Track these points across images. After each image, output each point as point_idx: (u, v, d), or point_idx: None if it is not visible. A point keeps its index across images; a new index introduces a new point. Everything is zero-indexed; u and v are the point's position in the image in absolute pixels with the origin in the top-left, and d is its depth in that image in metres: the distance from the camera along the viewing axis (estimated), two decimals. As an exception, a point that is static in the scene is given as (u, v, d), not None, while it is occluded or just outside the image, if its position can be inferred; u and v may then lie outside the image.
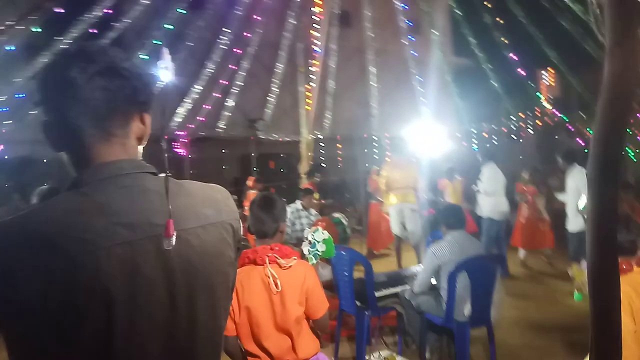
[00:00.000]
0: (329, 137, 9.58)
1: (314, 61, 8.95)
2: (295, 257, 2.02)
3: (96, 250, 0.82)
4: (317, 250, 2.31)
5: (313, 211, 6.23)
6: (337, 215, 5.92)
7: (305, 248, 2.36)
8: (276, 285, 1.93)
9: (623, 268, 2.08)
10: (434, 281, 3.70)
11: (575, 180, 5.33)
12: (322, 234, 2.36)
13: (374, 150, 10.84)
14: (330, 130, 9.37)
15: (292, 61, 8.78)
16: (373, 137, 10.23)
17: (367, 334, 3.98)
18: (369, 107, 9.69)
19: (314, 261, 2.31)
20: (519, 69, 9.87)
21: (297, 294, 1.97)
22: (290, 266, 1.98)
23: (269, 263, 1.98)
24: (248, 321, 1.98)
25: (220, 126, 8.65)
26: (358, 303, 3.91)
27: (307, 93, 8.89)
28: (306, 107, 8.89)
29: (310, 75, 8.90)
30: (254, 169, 9.11)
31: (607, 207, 1.10)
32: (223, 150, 8.78)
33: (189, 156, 8.58)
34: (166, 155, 7.32)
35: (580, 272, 2.53)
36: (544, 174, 7.47)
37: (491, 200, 6.24)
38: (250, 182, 7.81)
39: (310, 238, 2.35)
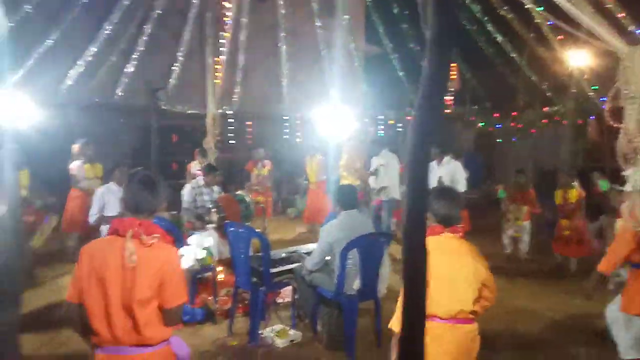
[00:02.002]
0: (238, 113, 9.36)
1: (224, 33, 8.65)
2: (158, 236, 1.93)
3: None
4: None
5: (216, 188, 6.10)
6: (240, 192, 5.84)
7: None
8: (131, 259, 1.84)
9: (433, 229, 2.34)
10: (327, 258, 3.83)
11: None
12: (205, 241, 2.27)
13: (285, 130, 10.84)
14: (239, 106, 9.14)
15: (201, 30, 8.38)
16: (284, 116, 10.21)
17: (262, 309, 4.04)
18: (280, 86, 9.61)
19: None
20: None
21: (149, 275, 1.88)
22: (150, 244, 1.89)
23: (132, 237, 1.89)
24: (96, 291, 1.87)
25: (118, 93, 8.04)
26: (254, 279, 3.93)
27: (216, 65, 8.59)
28: (215, 80, 8.59)
29: (220, 48, 8.61)
30: (157, 141, 8.63)
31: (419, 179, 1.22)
32: (122, 120, 8.17)
33: (82, 124, 7.90)
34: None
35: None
36: None
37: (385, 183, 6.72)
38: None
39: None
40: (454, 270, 2.27)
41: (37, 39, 6.56)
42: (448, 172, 6.53)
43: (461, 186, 6.42)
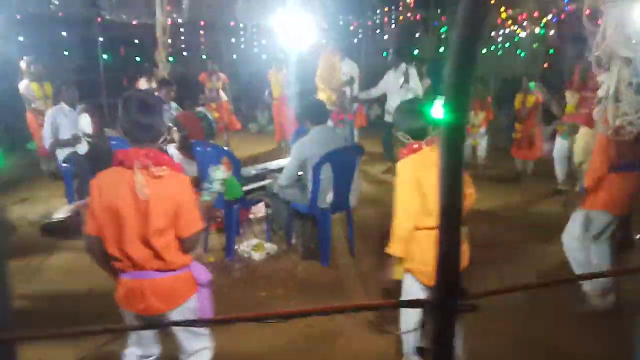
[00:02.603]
0: (189, 22, 8.69)
1: None
2: (166, 167, 1.85)
3: None
4: (213, 188, 2.13)
5: (173, 104, 5.84)
6: (201, 109, 5.61)
7: (204, 183, 2.17)
8: (142, 192, 1.79)
9: (414, 148, 2.31)
10: (299, 173, 3.83)
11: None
12: (221, 173, 2.15)
13: (241, 39, 10.24)
14: (190, 14, 8.46)
15: None
16: (240, 24, 9.59)
17: (236, 225, 4.09)
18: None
19: (206, 198, 2.13)
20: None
21: (163, 206, 1.84)
22: (160, 175, 1.82)
23: (140, 169, 1.81)
24: (111, 223, 1.85)
25: (54, 2, 7.23)
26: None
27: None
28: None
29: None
30: (104, 56, 8.01)
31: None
32: (63, 34, 7.40)
33: (19, 39, 7.15)
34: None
35: None
36: None
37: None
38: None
39: (210, 175, 2.14)
40: None
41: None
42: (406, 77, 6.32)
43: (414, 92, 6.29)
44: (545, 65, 8.90)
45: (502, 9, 9.16)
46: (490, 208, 5.02)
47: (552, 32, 8.72)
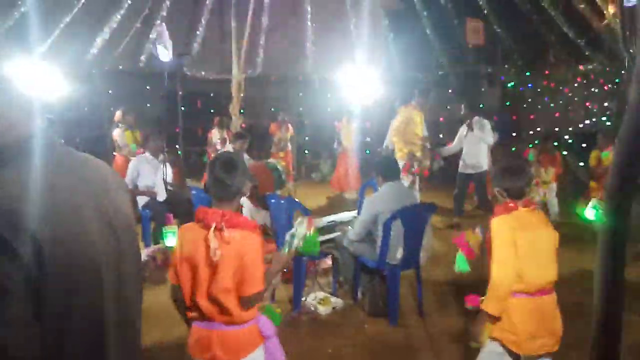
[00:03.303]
0: (261, 77, 9.21)
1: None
2: (239, 230, 1.93)
3: None
4: (294, 243, 2.20)
5: (246, 155, 6.11)
6: (272, 161, 5.84)
7: (288, 235, 2.26)
8: (215, 254, 1.87)
9: (510, 207, 2.28)
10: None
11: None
12: (303, 229, 2.22)
13: (308, 93, 10.66)
14: (263, 70, 8.98)
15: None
16: (307, 79, 10.03)
17: (303, 277, 4.11)
18: (303, 47, 9.37)
19: (285, 250, 2.21)
20: (451, 17, 10.01)
21: (232, 267, 1.91)
22: (230, 240, 1.90)
23: (215, 230, 1.91)
24: (188, 275, 1.96)
25: (142, 60, 7.96)
26: (295, 249, 3.98)
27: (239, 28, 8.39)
28: (240, 41, 8.41)
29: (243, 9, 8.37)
30: (183, 108, 8.58)
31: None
32: (147, 88, 8.12)
33: (109, 92, 7.91)
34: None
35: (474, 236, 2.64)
36: None
37: None
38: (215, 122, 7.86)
39: (293, 229, 2.23)
40: (542, 244, 2.24)
41: (61, 10, 6.46)
42: (479, 128, 6.24)
43: (488, 139, 6.21)
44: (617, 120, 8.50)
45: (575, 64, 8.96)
46: (569, 272, 4.71)
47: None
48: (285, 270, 4.51)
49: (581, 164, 7.07)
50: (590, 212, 3.92)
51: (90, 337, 0.95)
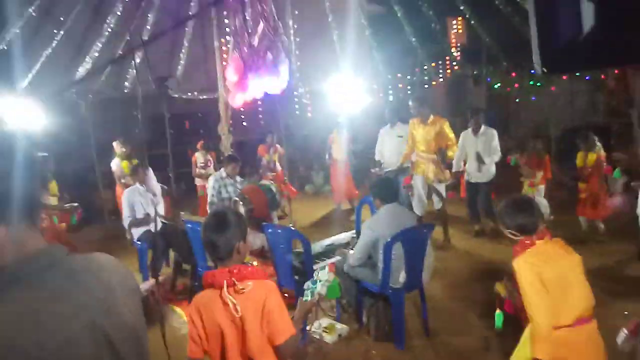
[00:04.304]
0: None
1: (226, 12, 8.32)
2: (250, 282, 1.89)
3: None
4: (316, 288, 2.18)
5: (239, 178, 6.05)
6: (265, 182, 5.80)
7: (307, 283, 2.23)
8: (236, 310, 1.83)
9: (527, 244, 2.26)
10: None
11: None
12: (326, 275, 2.21)
13: (295, 105, 10.62)
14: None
15: (202, 12, 8.07)
16: (294, 92, 9.99)
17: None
18: (289, 61, 9.34)
19: (309, 297, 2.18)
20: (433, 18, 10.03)
21: (257, 319, 1.86)
22: (244, 292, 1.86)
23: (227, 287, 1.87)
24: (216, 344, 1.90)
25: (126, 85, 7.87)
26: (296, 277, 3.93)
27: (223, 47, 8.32)
28: (223, 62, 8.34)
29: (226, 28, 8.30)
30: (171, 131, 8.52)
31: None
32: (134, 113, 8.04)
33: (94, 121, 7.80)
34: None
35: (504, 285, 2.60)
36: None
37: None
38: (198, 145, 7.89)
39: (315, 275, 2.21)
40: (569, 273, 2.20)
41: (42, 41, 6.37)
42: (485, 142, 6.13)
43: (497, 157, 6.10)
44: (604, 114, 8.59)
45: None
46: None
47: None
48: (286, 295, 4.52)
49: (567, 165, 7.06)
50: None
51: None
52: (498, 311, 2.75)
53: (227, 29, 8.25)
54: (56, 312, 0.89)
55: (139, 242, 5.34)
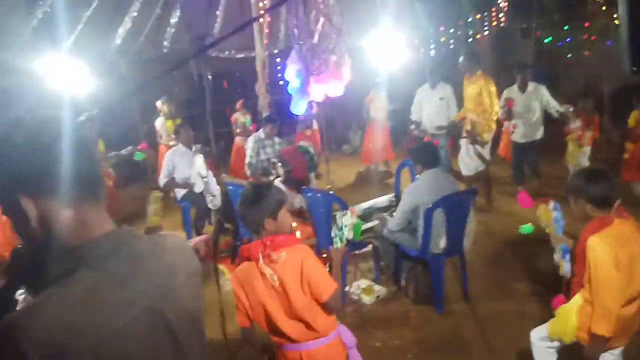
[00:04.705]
0: (284, 51, 9.00)
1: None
2: (284, 248, 1.94)
3: None
4: (344, 234, 2.25)
5: (277, 139, 6.06)
6: (303, 144, 5.77)
7: (333, 231, 2.30)
8: (273, 280, 1.91)
9: (605, 221, 2.16)
10: (410, 216, 3.76)
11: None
12: (350, 219, 2.28)
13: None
14: (286, 44, 8.76)
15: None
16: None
17: (345, 267, 4.12)
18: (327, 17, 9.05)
19: (339, 244, 2.26)
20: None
21: (297, 284, 1.93)
22: (279, 261, 1.92)
23: (262, 258, 1.93)
24: (262, 314, 1.99)
25: (165, 45, 7.88)
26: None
27: (259, 3, 8.14)
28: (260, 19, 8.18)
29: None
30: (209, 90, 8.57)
31: None
32: (174, 73, 8.11)
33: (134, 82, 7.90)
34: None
35: (547, 212, 2.52)
36: None
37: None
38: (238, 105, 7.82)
39: (338, 222, 2.28)
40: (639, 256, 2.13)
41: (79, 4, 6.40)
42: (534, 99, 5.82)
43: (554, 107, 5.80)
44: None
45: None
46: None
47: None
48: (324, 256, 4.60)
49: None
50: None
51: None
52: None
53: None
54: (116, 297, 0.92)
55: (182, 201, 5.50)
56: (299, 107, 4.25)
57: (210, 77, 8.06)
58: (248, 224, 2.05)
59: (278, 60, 9.37)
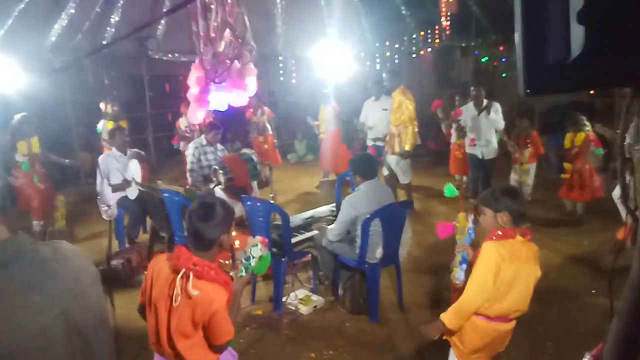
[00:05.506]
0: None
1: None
2: (205, 283, 1.86)
3: None
4: (250, 264, 2.18)
5: (219, 146, 5.94)
6: (246, 151, 5.70)
7: (239, 259, 2.22)
8: (176, 300, 1.82)
9: (508, 233, 2.25)
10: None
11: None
12: (259, 251, 2.20)
13: (280, 72, 10.39)
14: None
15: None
16: (279, 57, 9.74)
17: (283, 277, 4.09)
18: (273, 24, 9.05)
19: (244, 274, 2.18)
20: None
21: (190, 317, 1.85)
22: (193, 295, 1.82)
23: (181, 276, 1.84)
24: (150, 309, 1.96)
25: (105, 44, 7.53)
26: (274, 250, 3.93)
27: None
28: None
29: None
30: (150, 93, 8.30)
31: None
32: (112, 73, 7.75)
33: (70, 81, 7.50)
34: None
35: (465, 221, 2.63)
36: None
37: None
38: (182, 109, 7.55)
39: (247, 251, 2.19)
40: (523, 280, 2.23)
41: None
42: (491, 116, 6.01)
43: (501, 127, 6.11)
44: (592, 91, 8.58)
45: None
46: (546, 257, 4.82)
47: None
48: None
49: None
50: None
51: None
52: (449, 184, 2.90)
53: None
54: (27, 303, 0.90)
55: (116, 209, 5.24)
56: (196, 117, 4.22)
57: (148, 77, 7.79)
58: (199, 239, 1.93)
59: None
